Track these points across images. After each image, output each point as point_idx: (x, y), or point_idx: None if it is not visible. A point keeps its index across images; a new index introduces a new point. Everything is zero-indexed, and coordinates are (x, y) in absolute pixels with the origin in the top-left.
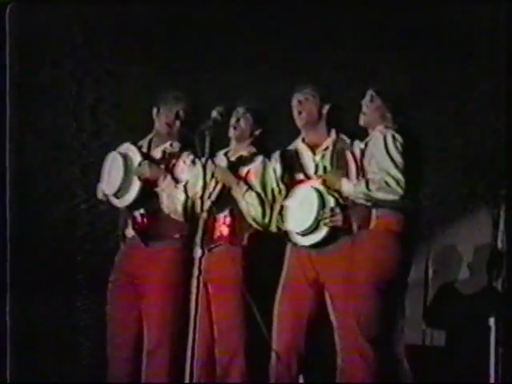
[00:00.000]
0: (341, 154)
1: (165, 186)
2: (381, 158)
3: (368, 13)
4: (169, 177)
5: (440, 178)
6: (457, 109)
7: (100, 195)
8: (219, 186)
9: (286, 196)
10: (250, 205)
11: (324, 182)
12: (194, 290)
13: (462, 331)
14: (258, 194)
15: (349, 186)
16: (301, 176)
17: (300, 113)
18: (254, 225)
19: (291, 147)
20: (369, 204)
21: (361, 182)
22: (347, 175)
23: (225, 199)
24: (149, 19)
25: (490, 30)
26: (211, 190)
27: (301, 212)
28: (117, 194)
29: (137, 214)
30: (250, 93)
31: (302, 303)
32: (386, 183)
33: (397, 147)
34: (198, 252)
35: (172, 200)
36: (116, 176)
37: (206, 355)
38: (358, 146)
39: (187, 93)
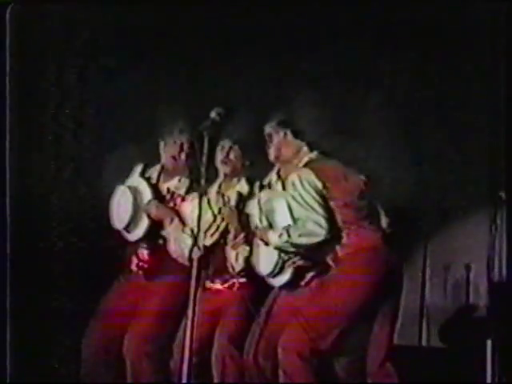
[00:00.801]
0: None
1: (172, 230)
2: (293, 205)
3: (368, 13)
4: (176, 220)
5: (438, 179)
6: (456, 110)
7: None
8: (223, 224)
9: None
10: (238, 260)
11: (260, 239)
12: (192, 291)
13: (459, 332)
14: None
15: (274, 238)
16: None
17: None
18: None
19: (266, 181)
20: (298, 251)
21: (283, 231)
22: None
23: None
24: (149, 19)
25: (489, 30)
26: (214, 228)
27: (267, 255)
28: (127, 229)
29: (142, 251)
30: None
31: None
32: (306, 228)
33: (307, 190)
34: (196, 252)
35: (179, 244)
36: (125, 211)
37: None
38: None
39: (192, 124)
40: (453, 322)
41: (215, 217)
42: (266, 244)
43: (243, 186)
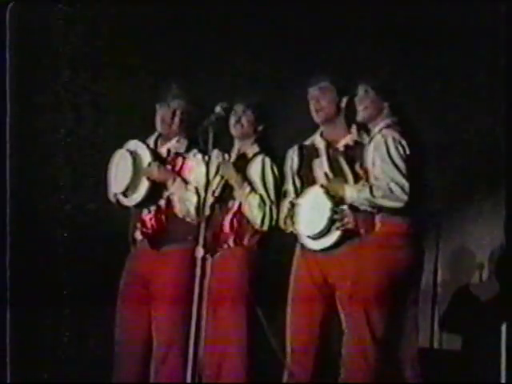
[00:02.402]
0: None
1: (175, 190)
2: (384, 164)
3: (367, 13)
4: (178, 179)
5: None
6: (457, 111)
7: (110, 196)
8: (223, 182)
9: (298, 195)
10: (252, 207)
11: (327, 191)
12: (196, 291)
13: (472, 334)
14: (261, 196)
15: (352, 193)
16: (318, 173)
17: (317, 110)
18: (257, 227)
19: (309, 142)
20: (373, 210)
21: (365, 188)
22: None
23: (230, 196)
24: (149, 18)
25: (489, 30)
26: (215, 186)
27: (312, 215)
28: (125, 193)
29: (145, 217)
30: (252, 88)
31: (313, 305)
32: (391, 190)
33: (399, 152)
34: (200, 252)
35: (184, 203)
36: (124, 174)
37: (208, 356)
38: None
39: (186, 89)
40: (465, 324)
41: (214, 176)
42: (334, 198)
43: (255, 148)
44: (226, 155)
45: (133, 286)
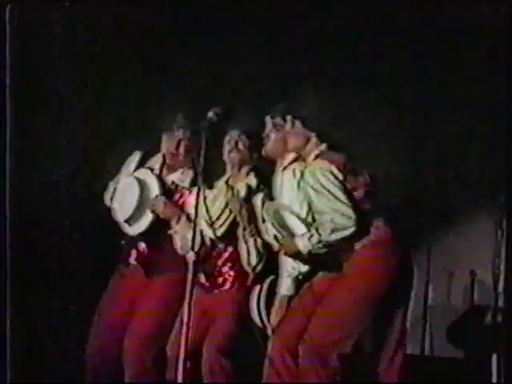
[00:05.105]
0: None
1: (179, 229)
2: (319, 197)
3: (367, 13)
4: (183, 218)
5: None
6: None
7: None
8: (231, 218)
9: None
10: (251, 253)
11: (286, 253)
12: (187, 295)
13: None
14: (264, 243)
15: (304, 243)
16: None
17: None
18: (249, 272)
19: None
20: (330, 249)
21: (313, 231)
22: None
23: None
24: (150, 19)
25: (489, 30)
26: (222, 221)
27: None
28: (128, 221)
29: (141, 245)
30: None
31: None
32: (335, 223)
33: (329, 179)
34: (191, 256)
35: (187, 242)
36: (130, 203)
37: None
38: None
39: (191, 118)
40: (457, 328)
41: (223, 210)
42: (296, 257)
43: (252, 179)
44: (220, 186)
45: (117, 308)
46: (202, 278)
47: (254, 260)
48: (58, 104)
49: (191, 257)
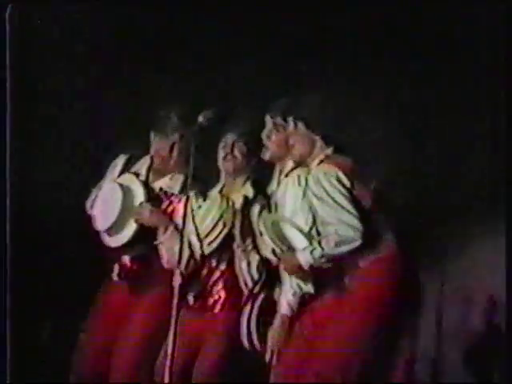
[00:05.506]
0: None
1: (165, 240)
2: (324, 206)
3: (367, 13)
4: (171, 228)
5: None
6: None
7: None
8: (226, 231)
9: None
10: (247, 271)
11: (285, 269)
12: (173, 314)
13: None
14: (262, 259)
15: (306, 257)
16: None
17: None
18: (245, 292)
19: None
20: (333, 263)
21: (315, 245)
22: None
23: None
24: (150, 21)
25: (489, 30)
26: (215, 235)
27: None
28: (108, 231)
29: (125, 258)
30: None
31: None
32: (339, 235)
33: (335, 186)
34: (177, 279)
35: (173, 256)
36: (111, 211)
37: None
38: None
39: (187, 117)
40: (471, 349)
41: (215, 224)
42: (296, 273)
43: (249, 189)
44: (214, 196)
45: (101, 327)
46: (191, 299)
47: (250, 280)
48: (58, 104)
49: (177, 280)
